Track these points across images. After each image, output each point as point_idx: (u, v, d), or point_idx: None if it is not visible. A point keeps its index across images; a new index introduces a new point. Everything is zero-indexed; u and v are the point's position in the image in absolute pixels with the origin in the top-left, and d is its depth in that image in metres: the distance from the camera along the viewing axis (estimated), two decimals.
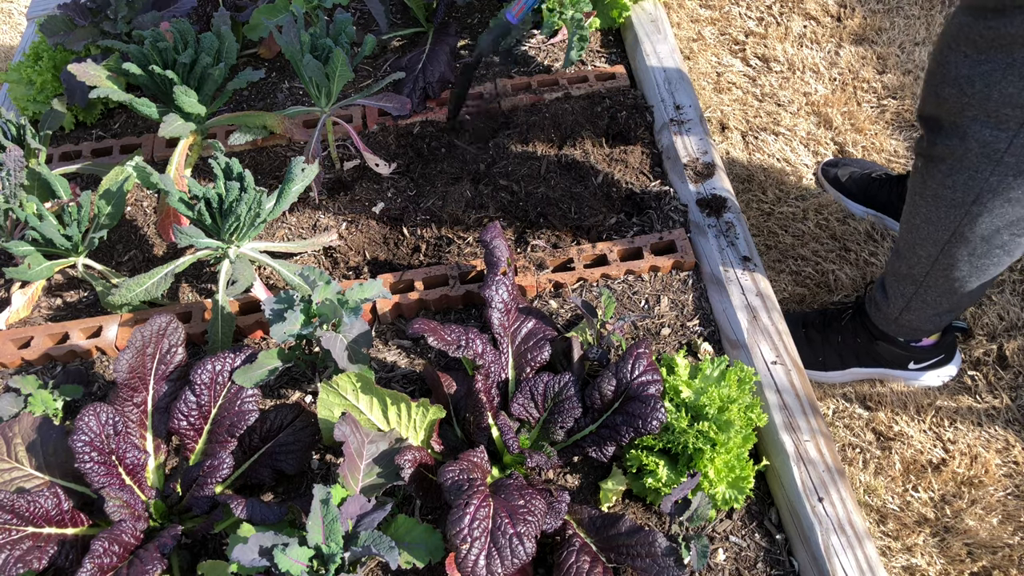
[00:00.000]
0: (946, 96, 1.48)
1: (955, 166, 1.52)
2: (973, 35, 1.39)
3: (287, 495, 1.49)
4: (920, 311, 1.83)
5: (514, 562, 1.18)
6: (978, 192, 1.51)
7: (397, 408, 1.40)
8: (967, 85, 1.43)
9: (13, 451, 1.39)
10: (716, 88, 2.80)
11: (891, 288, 1.85)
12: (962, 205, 1.55)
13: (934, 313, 1.82)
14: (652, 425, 1.33)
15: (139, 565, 1.22)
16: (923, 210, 1.64)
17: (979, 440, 1.94)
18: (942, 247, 1.64)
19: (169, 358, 1.51)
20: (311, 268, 1.46)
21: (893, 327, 1.93)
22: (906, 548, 1.79)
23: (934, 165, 1.57)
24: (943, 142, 1.53)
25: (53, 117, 2.03)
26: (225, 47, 1.89)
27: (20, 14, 3.84)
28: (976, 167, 1.49)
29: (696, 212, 1.82)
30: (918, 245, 1.69)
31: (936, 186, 1.58)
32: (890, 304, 1.87)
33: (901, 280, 1.80)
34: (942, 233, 1.62)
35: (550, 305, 1.72)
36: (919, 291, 1.77)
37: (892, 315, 1.89)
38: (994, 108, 1.41)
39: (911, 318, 1.86)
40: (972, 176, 1.51)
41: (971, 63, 1.41)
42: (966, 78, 1.42)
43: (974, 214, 1.55)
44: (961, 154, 1.50)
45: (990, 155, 1.46)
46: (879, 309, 1.92)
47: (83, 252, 1.78)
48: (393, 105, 1.98)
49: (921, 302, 1.80)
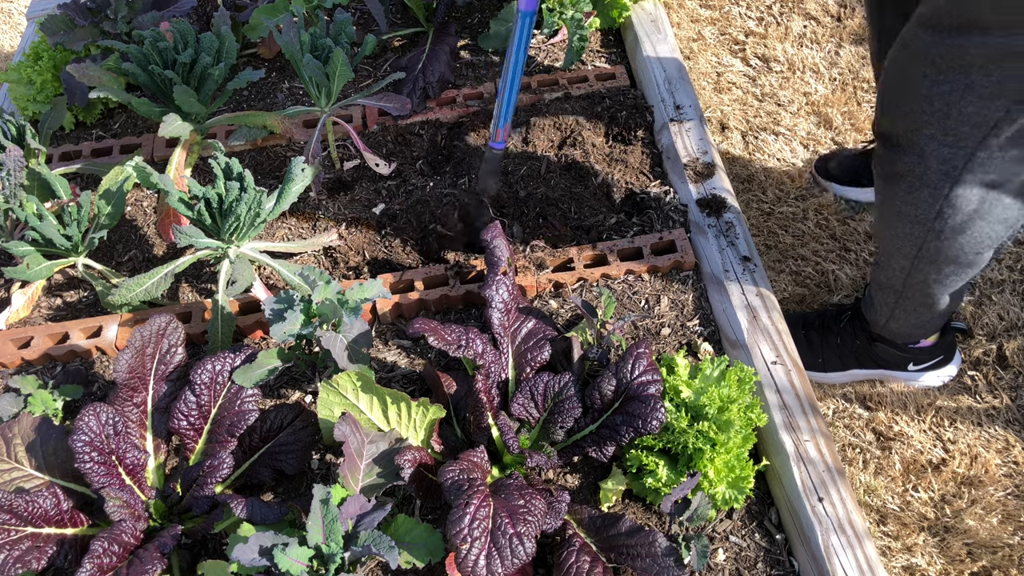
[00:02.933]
0: (904, 113, 1.47)
1: (915, 184, 1.52)
2: (932, 55, 1.37)
3: (287, 495, 1.49)
4: (903, 320, 1.84)
5: (514, 562, 1.18)
6: (939, 208, 1.52)
7: (397, 407, 1.40)
8: (926, 104, 1.42)
9: (13, 451, 1.39)
10: (716, 88, 2.80)
11: (876, 296, 1.86)
12: (925, 221, 1.56)
13: (917, 323, 1.84)
14: (652, 425, 1.33)
15: (139, 565, 1.22)
16: (889, 226, 1.65)
17: (979, 440, 1.94)
18: (912, 260, 1.65)
19: (169, 358, 1.51)
20: (311, 268, 1.46)
21: (884, 332, 1.94)
22: (906, 548, 1.79)
23: (895, 183, 1.57)
24: (901, 159, 1.52)
25: (53, 117, 2.03)
26: (225, 47, 1.89)
27: (20, 14, 3.84)
28: (935, 184, 1.49)
29: (696, 212, 1.82)
30: (891, 257, 1.70)
31: (899, 203, 1.58)
32: (876, 312, 1.88)
33: (883, 290, 1.81)
34: (910, 248, 1.63)
35: (550, 305, 1.72)
36: (900, 300, 1.78)
37: (879, 322, 1.90)
38: (952, 127, 1.41)
39: (897, 326, 1.87)
40: (932, 194, 1.51)
41: (930, 83, 1.40)
42: (925, 98, 1.41)
43: (937, 230, 1.55)
44: (921, 172, 1.50)
45: (948, 172, 1.46)
46: (872, 314, 1.93)
47: (83, 252, 1.78)
48: (393, 105, 1.98)
49: (903, 311, 1.81)
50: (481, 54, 2.30)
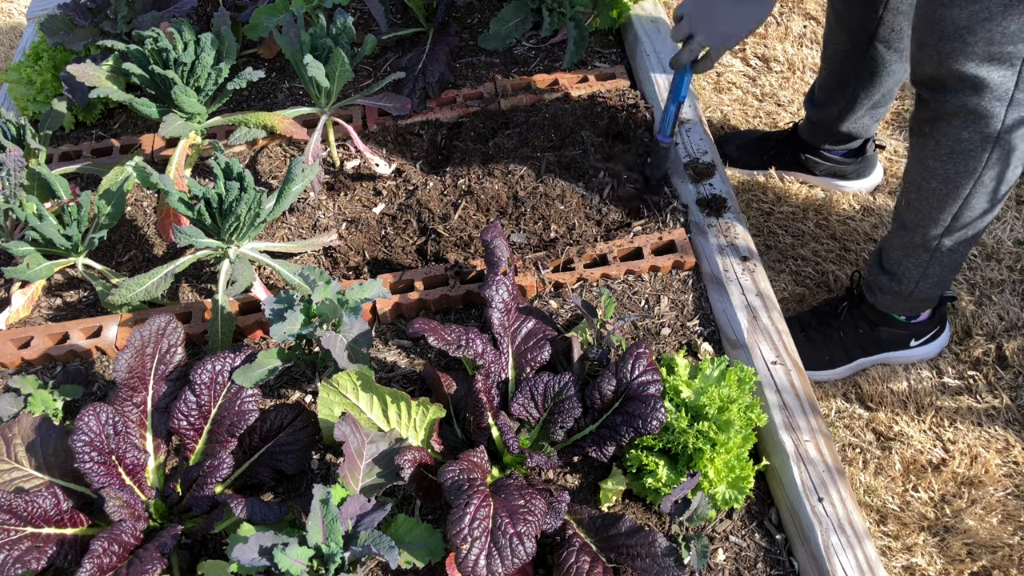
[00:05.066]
0: (948, 51, 1.49)
1: (968, 117, 1.55)
2: None
3: (287, 495, 1.49)
4: (935, 276, 1.85)
5: (514, 562, 1.18)
6: (996, 135, 1.56)
7: (397, 407, 1.40)
8: (968, 34, 1.45)
9: (13, 451, 1.39)
10: (716, 88, 2.80)
11: (900, 265, 1.86)
12: (981, 152, 1.59)
13: (949, 272, 1.86)
14: (652, 425, 1.33)
15: (139, 565, 1.22)
16: (939, 171, 1.66)
17: (979, 440, 1.94)
18: (962, 200, 1.68)
19: (169, 358, 1.51)
20: (311, 268, 1.46)
21: (903, 304, 1.95)
22: (906, 548, 1.79)
23: (945, 123, 1.59)
24: (952, 98, 1.55)
25: (53, 117, 2.03)
26: (225, 47, 1.89)
27: (20, 14, 3.84)
28: (990, 111, 1.53)
29: (696, 212, 1.82)
30: (935, 209, 1.72)
31: (951, 142, 1.60)
32: (902, 282, 1.88)
33: (912, 252, 1.82)
34: (962, 188, 1.66)
35: (550, 305, 1.72)
36: (934, 255, 1.80)
37: (906, 292, 1.90)
38: (997, 50, 1.45)
39: (927, 286, 1.88)
40: (987, 122, 1.55)
41: (968, 14, 1.43)
42: (966, 28, 1.45)
43: (993, 157, 1.59)
44: (974, 104, 1.53)
45: (1001, 96, 1.51)
46: (886, 292, 1.93)
47: (83, 252, 1.78)
48: (393, 105, 1.98)
49: (938, 266, 1.82)
50: (481, 54, 2.30)
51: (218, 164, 1.58)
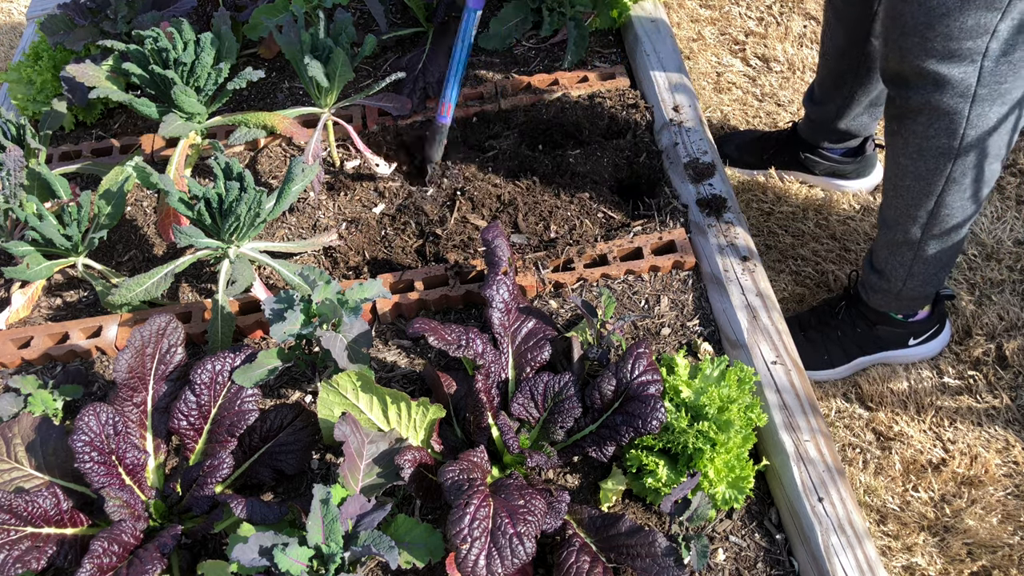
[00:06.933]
0: (908, 47, 1.50)
1: (933, 114, 1.56)
2: None
3: (287, 495, 1.49)
4: (922, 274, 1.86)
5: (514, 562, 1.18)
6: (961, 132, 1.55)
7: (397, 407, 1.40)
8: (926, 30, 1.46)
9: (13, 451, 1.39)
10: (716, 88, 2.80)
11: (887, 263, 1.87)
12: (948, 150, 1.59)
13: (936, 270, 1.86)
14: (652, 425, 1.33)
15: (139, 565, 1.22)
16: (910, 168, 1.66)
17: (979, 440, 1.94)
18: (936, 198, 1.68)
19: (169, 358, 1.51)
20: (311, 268, 1.46)
21: (895, 303, 1.96)
22: (906, 548, 1.79)
23: (911, 120, 1.60)
24: (915, 95, 1.56)
25: (53, 117, 2.03)
26: (225, 47, 1.89)
27: (20, 14, 3.84)
28: (953, 108, 1.53)
29: (696, 212, 1.82)
30: (911, 206, 1.72)
31: (918, 140, 1.61)
32: (890, 280, 1.89)
33: (897, 250, 1.83)
34: (935, 185, 1.66)
35: (550, 305, 1.72)
36: (918, 253, 1.81)
37: (895, 290, 1.91)
38: (955, 46, 1.45)
39: (914, 284, 1.88)
40: (951, 119, 1.55)
41: (925, 9, 1.44)
42: (924, 23, 1.45)
43: (961, 155, 1.59)
44: (937, 100, 1.53)
45: (963, 92, 1.51)
46: (877, 291, 1.94)
47: (83, 252, 1.78)
48: (393, 105, 1.98)
49: (923, 263, 1.83)
50: (481, 54, 2.30)
51: (218, 164, 1.58)
